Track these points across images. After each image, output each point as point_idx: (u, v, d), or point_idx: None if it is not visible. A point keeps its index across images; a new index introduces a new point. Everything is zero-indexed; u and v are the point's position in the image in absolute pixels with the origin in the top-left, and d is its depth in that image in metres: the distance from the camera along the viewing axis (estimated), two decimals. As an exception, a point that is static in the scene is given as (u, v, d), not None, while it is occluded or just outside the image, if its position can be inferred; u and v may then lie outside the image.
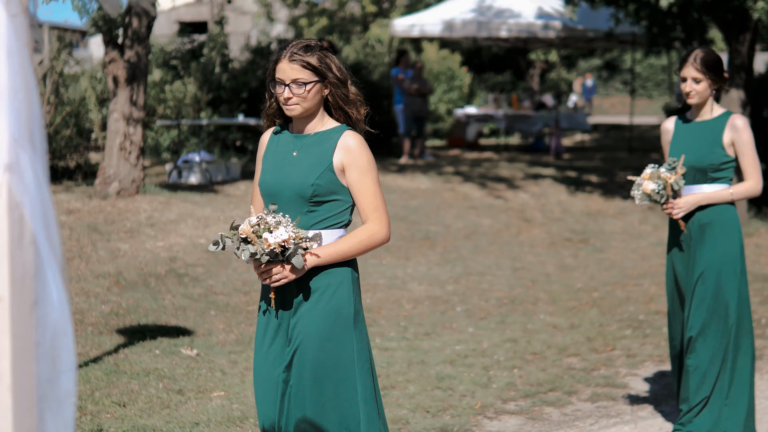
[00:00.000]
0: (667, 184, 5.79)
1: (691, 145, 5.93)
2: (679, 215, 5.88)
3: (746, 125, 5.87)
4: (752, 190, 5.94)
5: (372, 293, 10.20)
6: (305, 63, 4.10)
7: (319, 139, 4.17)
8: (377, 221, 4.12)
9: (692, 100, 5.88)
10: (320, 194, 4.07)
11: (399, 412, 6.58)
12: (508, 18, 21.84)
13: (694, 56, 5.83)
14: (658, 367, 7.92)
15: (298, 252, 3.95)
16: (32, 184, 2.05)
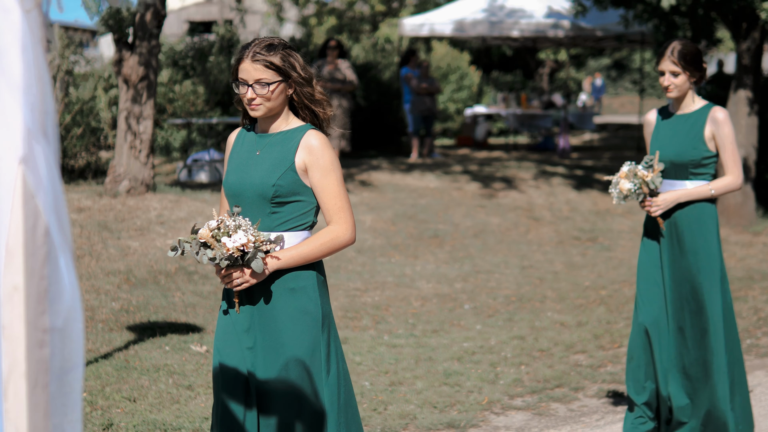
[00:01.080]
0: (643, 182, 5.69)
1: (672, 140, 5.83)
2: (657, 213, 5.76)
3: (727, 118, 5.76)
4: (732, 185, 5.79)
5: (380, 291, 10.26)
6: (268, 63, 4.02)
7: (282, 138, 4.09)
8: (341, 222, 4.01)
9: (671, 94, 5.79)
10: (282, 195, 3.99)
11: (407, 407, 6.64)
12: (519, 18, 21.88)
13: (672, 49, 5.73)
14: (665, 364, 7.96)
15: (257, 256, 3.86)
16: (45, 175, 2.10)
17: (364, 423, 6.34)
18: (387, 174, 16.86)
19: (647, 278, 5.94)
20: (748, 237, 13.77)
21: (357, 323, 8.99)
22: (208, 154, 15.91)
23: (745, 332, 8.93)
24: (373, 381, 7.21)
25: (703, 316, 5.74)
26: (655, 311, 5.89)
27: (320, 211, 4.12)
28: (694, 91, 5.85)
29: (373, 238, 12.73)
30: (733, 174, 5.77)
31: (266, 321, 4.00)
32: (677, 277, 5.82)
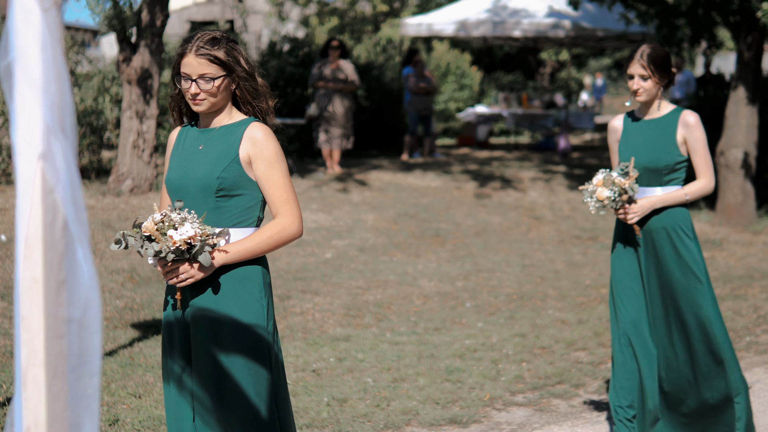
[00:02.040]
0: (623, 190, 5.58)
1: (644, 146, 5.74)
2: (634, 220, 5.65)
3: (698, 122, 5.69)
4: (705, 188, 5.74)
5: (382, 289, 10.33)
6: (212, 57, 3.93)
7: (226, 131, 4.01)
8: (288, 215, 3.95)
9: (640, 98, 5.71)
10: (226, 188, 3.91)
11: (409, 403, 6.70)
12: (522, 18, 21.94)
13: (641, 53, 5.66)
14: (665, 361, 8.03)
15: (205, 249, 3.76)
16: (63, 170, 2.17)
17: (366, 419, 6.41)
18: (389, 173, 16.92)
19: (626, 290, 5.81)
20: (748, 236, 13.83)
21: (359, 321, 9.05)
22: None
23: (745, 330, 9.00)
24: (375, 378, 7.28)
25: (689, 322, 5.65)
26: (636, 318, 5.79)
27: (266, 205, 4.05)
28: (662, 95, 5.78)
29: (375, 237, 12.79)
30: (706, 177, 5.72)
31: (209, 317, 3.89)
32: (660, 284, 5.71)
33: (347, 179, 16.02)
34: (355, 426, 6.26)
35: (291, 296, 9.81)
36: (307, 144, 19.37)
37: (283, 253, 11.50)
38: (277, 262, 11.14)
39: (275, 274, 10.60)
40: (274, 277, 10.49)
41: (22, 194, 2.14)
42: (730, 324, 9.18)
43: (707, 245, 13.32)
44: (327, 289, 10.19)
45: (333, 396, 6.78)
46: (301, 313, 9.22)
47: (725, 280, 11.16)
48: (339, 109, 16.83)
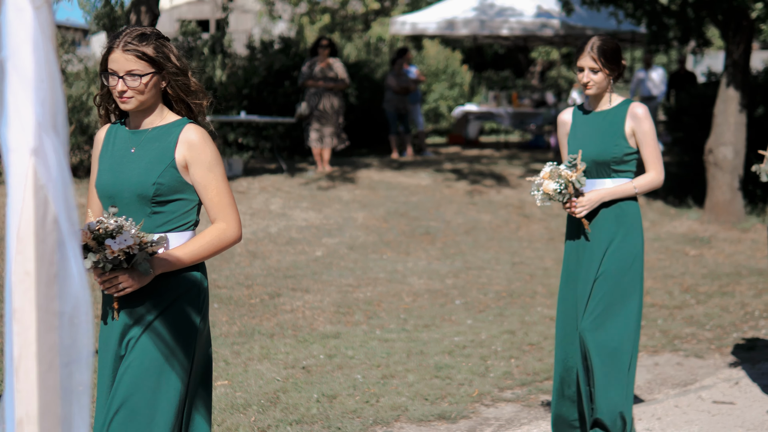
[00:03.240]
0: (569, 182, 5.47)
1: (592, 138, 5.63)
2: (582, 214, 5.52)
3: (647, 114, 5.59)
4: (655, 181, 5.64)
5: (372, 287, 10.37)
6: (140, 53, 3.75)
7: (159, 134, 3.84)
8: (227, 219, 3.83)
9: (590, 91, 5.59)
10: (163, 194, 3.75)
11: (398, 399, 6.75)
12: (509, 16, 21.99)
13: (591, 45, 5.55)
14: (652, 358, 8.09)
15: (144, 258, 3.62)
16: (55, 167, 2.21)
17: (356, 415, 6.46)
18: (379, 172, 16.96)
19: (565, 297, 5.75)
20: (736, 233, 13.90)
21: (349, 318, 9.09)
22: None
23: (732, 326, 9.06)
24: (365, 374, 7.32)
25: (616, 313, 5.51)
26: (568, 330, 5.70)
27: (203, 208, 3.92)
28: (612, 88, 5.66)
29: (365, 235, 12.84)
30: (656, 170, 5.63)
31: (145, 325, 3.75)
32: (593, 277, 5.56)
33: (337, 178, 16.06)
34: (345, 422, 6.30)
35: (281, 294, 9.85)
36: (298, 143, 19.40)
37: (273, 252, 11.55)
38: (268, 260, 11.19)
39: (266, 273, 10.64)
40: (264, 275, 10.54)
41: (14, 190, 2.18)
42: (717, 321, 9.26)
43: (696, 243, 13.40)
44: (317, 286, 10.24)
45: (322, 392, 6.83)
46: (291, 311, 9.26)
47: (713, 277, 11.22)
48: (329, 108, 16.86)
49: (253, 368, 7.38)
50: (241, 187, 14.58)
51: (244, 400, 6.62)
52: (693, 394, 7.11)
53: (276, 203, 13.83)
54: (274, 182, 15.25)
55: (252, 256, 11.29)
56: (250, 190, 14.48)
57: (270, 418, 6.32)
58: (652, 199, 16.48)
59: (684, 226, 14.70)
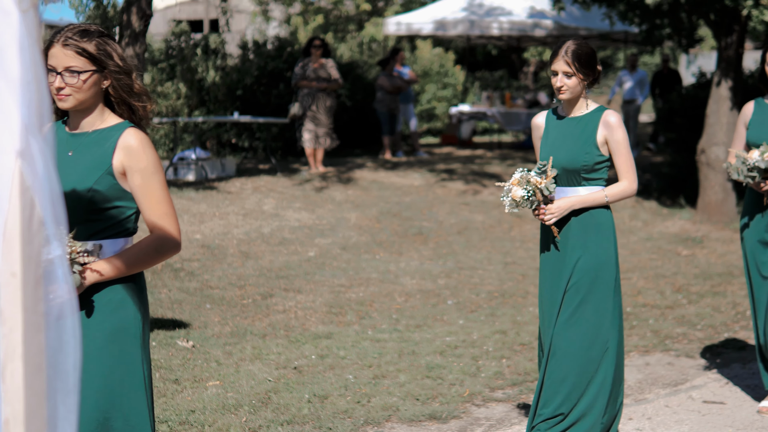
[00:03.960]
0: (537, 189, 5.36)
1: (563, 144, 5.50)
2: (551, 221, 5.41)
3: (620, 122, 5.46)
4: (627, 190, 5.50)
5: (365, 287, 10.38)
6: (80, 49, 3.59)
7: (98, 137, 3.66)
8: (166, 229, 3.65)
9: (563, 96, 5.46)
10: (99, 201, 3.58)
11: (389, 399, 6.76)
12: (499, 16, 22.01)
13: (565, 49, 5.43)
14: (643, 358, 8.11)
15: (74, 269, 3.45)
16: (41, 169, 2.22)
17: (347, 415, 6.47)
18: (372, 172, 16.98)
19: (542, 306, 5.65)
20: (728, 233, 13.92)
21: (341, 319, 9.11)
22: (194, 153, 16.01)
23: (723, 326, 9.08)
24: (356, 374, 7.34)
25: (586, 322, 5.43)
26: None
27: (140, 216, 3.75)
28: (587, 93, 5.56)
29: (357, 236, 12.85)
30: (628, 179, 5.49)
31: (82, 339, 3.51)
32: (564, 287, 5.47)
33: (330, 178, 16.07)
34: (336, 422, 6.32)
35: (274, 294, 9.86)
36: (291, 143, 19.42)
37: (266, 252, 11.56)
38: (260, 260, 11.20)
39: (258, 273, 10.65)
40: (256, 275, 10.55)
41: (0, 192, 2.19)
42: (709, 320, 9.28)
43: (688, 243, 13.42)
44: (309, 287, 10.25)
45: (314, 393, 6.84)
46: (283, 311, 9.27)
47: (705, 277, 11.24)
48: (322, 108, 16.87)
49: (244, 369, 7.39)
50: (234, 188, 14.58)
51: (235, 400, 6.63)
52: (683, 393, 7.14)
53: (269, 203, 13.83)
54: (267, 183, 15.26)
55: (244, 257, 11.30)
56: (243, 191, 14.48)
57: (261, 418, 6.33)
58: (645, 199, 16.51)
59: (676, 226, 14.72)
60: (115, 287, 3.61)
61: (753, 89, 16.54)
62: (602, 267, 5.44)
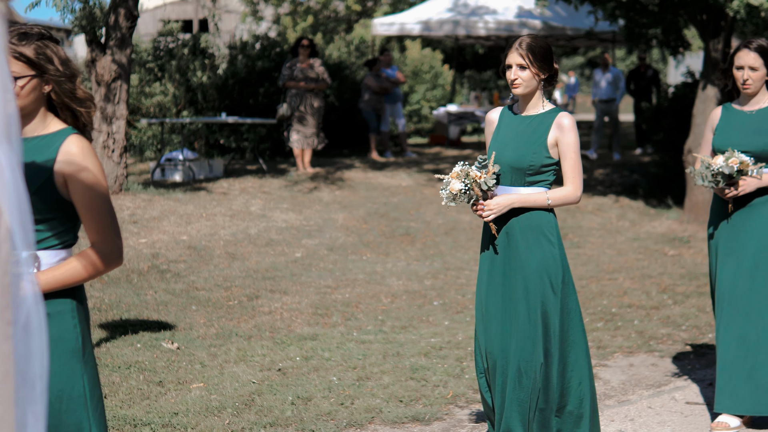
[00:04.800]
0: (475, 183, 5.21)
1: (513, 142, 5.36)
2: (489, 217, 5.26)
3: (573, 125, 5.32)
4: (571, 196, 5.33)
5: (351, 288, 10.39)
6: (18, 54, 3.47)
7: (40, 144, 3.53)
8: (107, 241, 3.52)
9: (517, 90, 5.33)
10: (39, 211, 3.43)
11: (373, 401, 6.77)
12: (484, 15, 22.03)
13: (520, 42, 5.33)
14: (627, 359, 8.12)
15: None
16: (9, 177, 2.22)
17: (330, 417, 6.47)
18: (360, 172, 16.99)
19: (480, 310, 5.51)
20: (715, 233, 13.94)
21: (327, 320, 9.11)
22: (181, 154, 16.00)
23: (708, 327, 9.10)
24: (340, 376, 7.34)
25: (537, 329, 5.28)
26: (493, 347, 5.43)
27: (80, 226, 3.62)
28: (543, 92, 5.43)
29: (345, 236, 12.86)
30: (573, 185, 5.33)
31: None
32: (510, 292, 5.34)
33: (318, 178, 16.08)
34: (319, 424, 6.32)
35: (259, 296, 9.87)
36: (279, 144, 19.41)
37: (252, 253, 11.56)
38: (246, 262, 11.20)
39: (245, 274, 10.65)
40: (243, 276, 10.55)
41: (-33, 201, 2.19)
42: (693, 321, 9.30)
43: (675, 243, 13.45)
44: (296, 288, 10.25)
45: (297, 395, 6.84)
46: (269, 313, 9.27)
47: (691, 277, 11.27)
48: (310, 109, 16.88)
49: (229, 370, 7.39)
50: (222, 189, 14.58)
51: (219, 402, 6.63)
52: (666, 395, 7.15)
53: (256, 204, 13.83)
54: (254, 183, 15.26)
55: (231, 258, 11.30)
56: (230, 192, 14.48)
57: (244, 420, 6.33)
58: (632, 199, 16.54)
59: (663, 226, 14.76)
60: (52, 301, 3.44)
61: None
62: (546, 272, 5.27)
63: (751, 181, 6.24)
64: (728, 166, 6.15)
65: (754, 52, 6.34)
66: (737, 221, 6.41)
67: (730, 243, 6.43)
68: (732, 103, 6.62)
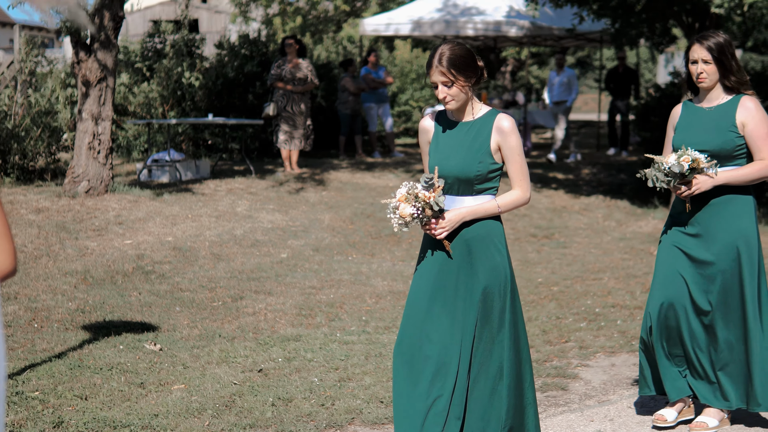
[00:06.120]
0: (426, 204, 5.05)
1: (455, 153, 5.21)
2: (442, 235, 5.13)
3: (513, 127, 5.18)
4: (521, 200, 5.25)
5: (336, 289, 10.40)
6: None
7: None
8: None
9: (450, 106, 5.18)
10: None
11: (353, 402, 6.78)
12: (474, 15, 22.06)
13: (439, 57, 5.12)
14: (609, 359, 8.14)
15: None
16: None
17: (310, 418, 6.48)
18: (347, 173, 17.00)
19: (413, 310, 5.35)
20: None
21: (311, 321, 9.12)
22: (168, 155, 16.00)
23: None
24: (322, 377, 7.35)
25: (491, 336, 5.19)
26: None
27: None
28: (474, 95, 5.28)
29: (331, 237, 12.86)
30: (521, 188, 5.24)
31: None
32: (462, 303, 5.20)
33: (305, 179, 16.09)
34: (299, 425, 6.33)
35: (244, 296, 9.87)
36: (267, 144, 19.42)
37: (237, 254, 11.56)
38: (232, 262, 11.20)
39: (230, 275, 10.66)
40: (227, 277, 10.55)
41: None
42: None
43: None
44: (280, 289, 10.25)
45: (278, 396, 6.85)
46: (253, 314, 9.28)
47: (675, 276, 11.29)
48: (297, 110, 16.88)
49: (210, 372, 7.40)
50: (208, 190, 14.58)
51: (199, 404, 6.63)
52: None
53: (242, 205, 13.84)
54: (241, 184, 15.26)
55: (216, 259, 11.30)
56: (216, 192, 14.48)
57: (224, 422, 6.34)
58: (618, 198, 16.58)
59: (649, 225, 14.79)
60: None
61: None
62: (498, 282, 5.19)
63: (705, 180, 6.14)
64: (679, 165, 6.05)
65: (706, 47, 6.28)
66: (698, 223, 6.31)
67: (688, 244, 6.34)
68: (692, 100, 6.51)
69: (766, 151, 6.23)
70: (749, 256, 6.24)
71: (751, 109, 6.25)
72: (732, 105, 6.30)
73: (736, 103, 6.29)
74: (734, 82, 6.33)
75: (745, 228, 6.25)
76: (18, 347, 7.87)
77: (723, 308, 6.30)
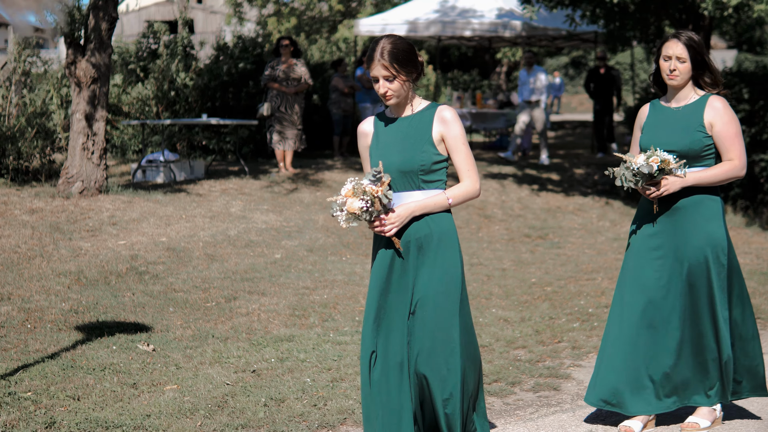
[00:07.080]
0: (375, 198, 4.97)
1: (396, 146, 5.15)
2: (392, 232, 5.06)
3: (455, 117, 5.14)
4: (471, 190, 5.20)
5: (329, 289, 10.40)
6: None
7: None
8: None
9: (391, 102, 5.13)
10: None
11: (346, 402, 6.79)
12: (470, 17, 22.09)
13: (380, 52, 5.07)
14: (602, 358, 8.15)
15: None
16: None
17: (302, 419, 6.49)
18: (341, 173, 17.00)
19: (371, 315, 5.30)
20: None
21: (304, 321, 9.12)
22: (162, 155, 16.00)
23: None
24: (315, 377, 7.36)
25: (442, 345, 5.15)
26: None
27: None
28: (414, 90, 5.22)
29: (325, 237, 12.87)
30: (470, 178, 5.19)
31: None
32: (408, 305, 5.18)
33: (299, 179, 16.09)
34: (291, 426, 6.34)
35: (237, 297, 9.88)
36: (261, 145, 19.43)
37: (231, 254, 11.57)
38: (226, 263, 11.21)
39: (223, 276, 10.66)
40: (221, 278, 10.56)
41: None
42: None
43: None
44: (274, 289, 10.26)
45: (271, 396, 6.86)
46: (246, 314, 9.28)
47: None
48: (291, 110, 16.89)
49: (203, 372, 7.40)
50: (202, 190, 14.59)
51: (191, 404, 6.64)
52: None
53: (236, 206, 13.84)
54: (235, 185, 15.27)
55: (210, 259, 11.31)
56: (210, 193, 14.49)
57: (216, 422, 6.35)
58: (613, 199, 16.60)
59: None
60: None
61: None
62: (448, 278, 5.16)
63: (674, 181, 6.03)
64: (648, 165, 5.92)
65: (682, 43, 6.18)
66: (666, 225, 6.21)
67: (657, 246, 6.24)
68: (660, 100, 6.37)
69: (734, 152, 6.12)
70: (716, 259, 6.13)
71: (719, 109, 6.13)
72: (700, 105, 6.17)
73: (704, 102, 6.16)
74: (710, 81, 6.26)
75: (713, 231, 6.15)
76: (11, 348, 7.87)
77: (691, 311, 6.23)
